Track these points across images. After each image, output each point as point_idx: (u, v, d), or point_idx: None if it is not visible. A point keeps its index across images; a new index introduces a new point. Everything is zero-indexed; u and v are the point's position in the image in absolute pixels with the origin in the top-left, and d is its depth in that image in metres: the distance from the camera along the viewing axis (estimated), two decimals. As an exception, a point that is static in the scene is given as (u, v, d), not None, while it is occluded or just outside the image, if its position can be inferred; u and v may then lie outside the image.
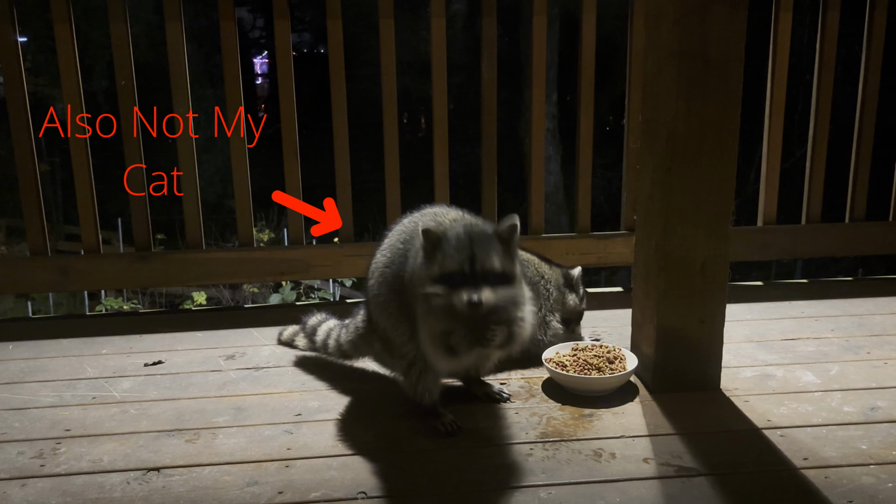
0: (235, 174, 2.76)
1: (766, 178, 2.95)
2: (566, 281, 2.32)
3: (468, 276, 1.65)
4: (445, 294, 1.66)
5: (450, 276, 1.66)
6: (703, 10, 1.83)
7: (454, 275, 1.66)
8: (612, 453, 1.74)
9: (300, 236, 2.80)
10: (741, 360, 2.24)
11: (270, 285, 6.31)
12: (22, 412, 2.01)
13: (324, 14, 2.67)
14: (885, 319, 2.55)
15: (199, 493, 1.62)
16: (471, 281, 1.65)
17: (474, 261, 1.66)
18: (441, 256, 1.68)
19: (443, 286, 1.67)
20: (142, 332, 2.57)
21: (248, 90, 9.04)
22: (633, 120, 2.79)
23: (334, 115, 2.74)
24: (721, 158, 1.91)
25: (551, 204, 9.62)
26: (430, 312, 1.73)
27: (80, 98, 2.64)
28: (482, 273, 1.66)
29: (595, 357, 2.08)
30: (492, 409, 1.97)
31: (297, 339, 2.40)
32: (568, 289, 2.32)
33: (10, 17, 2.57)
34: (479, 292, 1.63)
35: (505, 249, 1.71)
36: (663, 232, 1.95)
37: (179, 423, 1.93)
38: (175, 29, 2.64)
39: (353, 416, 1.95)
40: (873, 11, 2.87)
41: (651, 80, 2.00)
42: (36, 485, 1.67)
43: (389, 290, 1.89)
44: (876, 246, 3.03)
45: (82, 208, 2.73)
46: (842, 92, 3.00)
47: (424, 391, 1.86)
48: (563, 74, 9.51)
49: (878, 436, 1.80)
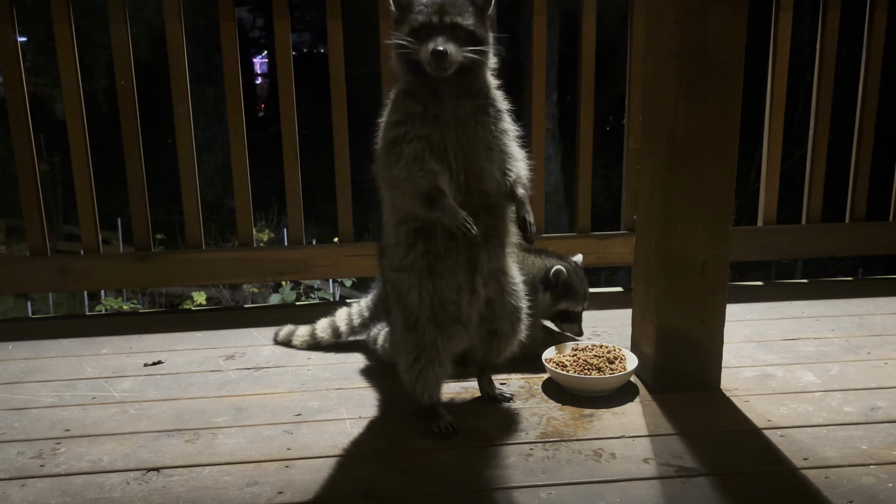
0: (235, 174, 2.75)
1: (766, 178, 2.95)
2: (543, 276, 2.21)
3: (435, 28, 1.63)
4: (412, 46, 1.64)
5: (418, 29, 1.64)
6: (704, 10, 1.83)
7: (423, 27, 1.64)
8: (613, 453, 1.74)
9: (300, 236, 2.80)
10: (741, 360, 2.24)
11: (270, 285, 6.30)
12: (22, 412, 2.01)
13: (324, 14, 2.67)
14: (885, 319, 2.55)
15: (198, 493, 1.62)
16: (438, 33, 1.63)
17: (443, 14, 1.63)
18: (411, 15, 1.66)
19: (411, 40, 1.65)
20: (141, 332, 2.57)
21: (248, 90, 9.04)
22: (633, 120, 2.79)
23: (334, 115, 2.74)
24: (721, 158, 1.91)
25: (551, 204, 9.61)
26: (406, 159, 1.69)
27: (80, 98, 2.64)
28: (451, 25, 1.64)
29: (595, 357, 2.08)
30: (492, 409, 1.97)
31: (294, 338, 2.41)
32: (543, 286, 2.21)
33: (10, 17, 2.56)
34: (446, 44, 1.61)
35: (478, 13, 1.68)
36: (663, 232, 1.95)
37: (179, 423, 1.93)
38: (175, 29, 2.64)
39: (353, 416, 1.95)
40: (873, 11, 2.87)
41: (651, 80, 2.00)
42: (36, 485, 1.67)
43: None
44: (876, 246, 3.02)
45: (82, 208, 2.73)
46: (842, 92, 3.00)
47: (424, 390, 1.83)
48: (563, 74, 9.49)
49: (879, 436, 1.80)
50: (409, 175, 1.70)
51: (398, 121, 1.72)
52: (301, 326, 2.43)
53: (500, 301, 1.88)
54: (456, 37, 1.64)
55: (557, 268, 2.21)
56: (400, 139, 1.71)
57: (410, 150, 1.70)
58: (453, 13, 1.64)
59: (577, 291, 2.25)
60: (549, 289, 2.23)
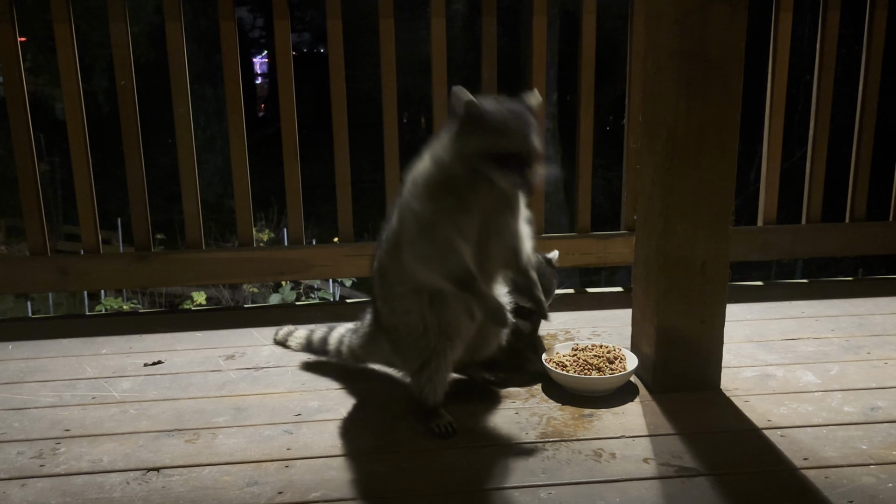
0: (235, 174, 2.76)
1: (766, 178, 2.95)
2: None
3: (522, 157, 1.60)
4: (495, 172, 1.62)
5: (505, 155, 1.61)
6: (704, 10, 1.83)
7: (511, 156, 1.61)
8: (612, 453, 1.74)
9: (300, 236, 2.80)
10: (741, 360, 2.24)
11: (270, 285, 6.31)
12: (22, 412, 2.01)
13: (324, 14, 2.67)
14: (886, 319, 2.55)
15: (198, 493, 1.62)
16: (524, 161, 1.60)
17: (530, 145, 1.60)
18: (492, 135, 1.61)
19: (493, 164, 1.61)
20: (141, 332, 2.56)
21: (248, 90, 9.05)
22: (633, 120, 2.79)
23: (334, 115, 2.74)
24: (721, 158, 1.91)
25: (551, 204, 9.60)
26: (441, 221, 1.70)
27: (80, 98, 2.64)
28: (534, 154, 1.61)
29: (595, 357, 2.08)
30: (492, 409, 1.97)
31: (290, 339, 2.38)
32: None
33: (10, 17, 2.56)
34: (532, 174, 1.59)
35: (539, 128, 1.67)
36: (663, 232, 1.95)
37: (179, 423, 1.93)
38: (175, 29, 2.64)
39: (353, 416, 1.95)
40: (873, 11, 2.87)
41: (651, 80, 2.00)
42: (36, 485, 1.67)
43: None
44: (876, 246, 3.03)
45: (82, 208, 2.73)
46: (842, 92, 3.00)
47: (430, 392, 1.85)
48: (563, 74, 9.50)
49: (879, 436, 1.80)
50: (442, 257, 1.73)
51: (435, 210, 1.71)
52: (300, 328, 2.42)
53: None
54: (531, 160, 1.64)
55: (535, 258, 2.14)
56: (433, 226, 1.72)
57: (443, 234, 1.72)
58: (535, 141, 1.63)
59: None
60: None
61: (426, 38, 2.77)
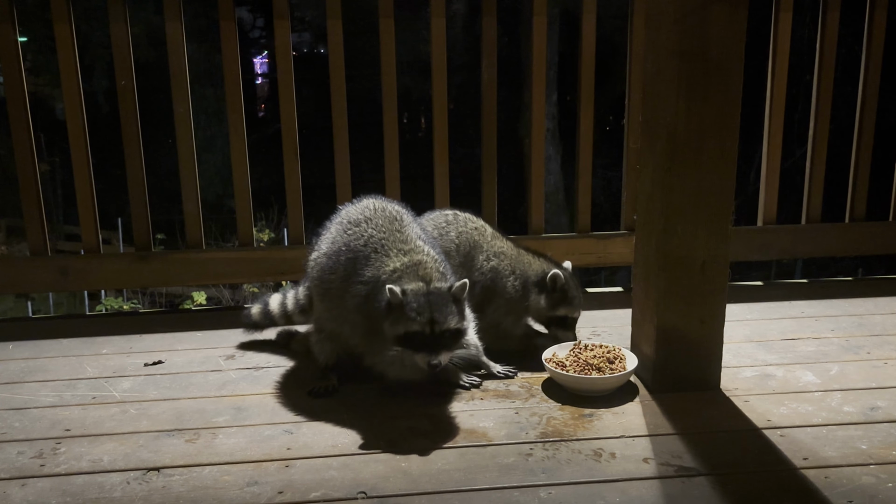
0: (235, 174, 2.76)
1: (766, 178, 2.95)
2: (538, 279, 2.23)
3: (428, 338, 1.83)
4: (407, 355, 1.86)
5: (412, 336, 1.84)
6: (703, 10, 1.83)
7: (415, 335, 1.84)
8: (612, 453, 1.74)
9: (300, 236, 2.80)
10: (741, 360, 2.24)
11: (270, 285, 6.31)
12: (22, 412, 2.01)
13: (324, 14, 2.67)
14: (885, 319, 2.55)
15: (199, 492, 1.62)
16: (430, 343, 1.83)
17: (434, 324, 1.83)
18: (403, 318, 1.84)
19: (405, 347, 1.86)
20: (142, 332, 2.57)
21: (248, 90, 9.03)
22: (633, 120, 2.79)
23: (334, 115, 2.74)
24: (721, 158, 1.91)
25: (551, 204, 9.62)
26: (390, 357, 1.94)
27: (80, 98, 2.64)
28: (440, 334, 1.84)
29: (595, 357, 2.08)
30: (492, 408, 1.97)
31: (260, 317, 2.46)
32: (537, 289, 2.23)
33: (10, 17, 2.57)
34: (438, 356, 1.83)
35: (458, 306, 1.89)
36: (663, 232, 1.95)
37: (179, 423, 1.93)
38: (175, 29, 2.64)
39: (353, 416, 1.95)
40: (873, 11, 2.87)
41: (651, 80, 2.00)
42: (36, 485, 1.67)
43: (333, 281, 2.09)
44: (876, 246, 3.03)
45: (82, 208, 2.73)
46: (842, 92, 3.00)
47: (321, 352, 2.14)
48: (563, 74, 9.50)
49: (878, 436, 1.80)
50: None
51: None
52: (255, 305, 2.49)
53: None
54: (444, 340, 1.85)
55: (555, 272, 2.21)
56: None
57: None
58: (442, 322, 1.84)
59: (573, 298, 2.26)
60: (543, 292, 2.23)
61: (426, 38, 2.77)
